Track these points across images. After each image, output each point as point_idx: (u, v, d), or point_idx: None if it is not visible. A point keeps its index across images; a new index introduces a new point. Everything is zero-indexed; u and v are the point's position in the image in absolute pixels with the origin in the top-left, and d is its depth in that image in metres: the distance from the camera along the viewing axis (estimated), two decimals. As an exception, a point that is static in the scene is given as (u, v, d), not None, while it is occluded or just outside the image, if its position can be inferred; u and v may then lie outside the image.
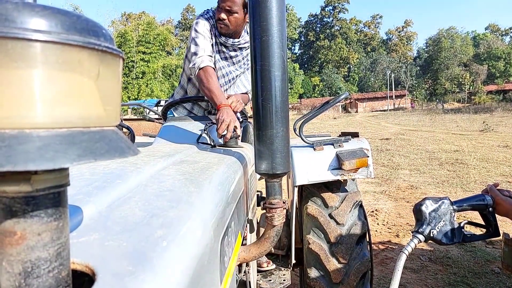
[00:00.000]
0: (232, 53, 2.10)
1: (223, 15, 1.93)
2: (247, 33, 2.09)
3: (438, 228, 1.07)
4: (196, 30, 1.97)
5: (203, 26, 1.97)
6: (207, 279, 0.51)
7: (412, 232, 1.11)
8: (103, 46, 0.28)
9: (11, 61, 0.24)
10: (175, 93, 2.28)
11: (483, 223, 1.19)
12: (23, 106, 0.24)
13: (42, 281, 0.29)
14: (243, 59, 2.15)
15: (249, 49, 2.13)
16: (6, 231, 0.28)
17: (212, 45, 2.03)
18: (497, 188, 1.13)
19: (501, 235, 1.23)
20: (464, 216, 3.11)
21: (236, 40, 2.06)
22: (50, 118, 0.25)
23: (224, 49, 2.09)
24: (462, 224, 1.14)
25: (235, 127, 1.46)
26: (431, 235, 1.07)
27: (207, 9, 2.10)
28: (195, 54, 1.88)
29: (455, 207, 1.12)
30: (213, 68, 1.87)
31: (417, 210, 1.10)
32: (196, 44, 1.92)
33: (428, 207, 1.09)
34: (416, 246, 1.08)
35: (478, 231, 1.21)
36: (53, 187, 0.29)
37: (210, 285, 0.53)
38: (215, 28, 2.03)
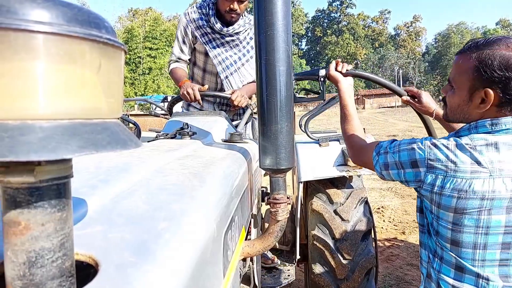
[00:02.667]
0: (228, 38, 2.13)
1: (236, 6, 1.98)
2: (241, 17, 2.10)
3: None
4: (177, 33, 2.20)
5: (181, 29, 2.16)
6: (210, 271, 0.51)
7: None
8: (105, 38, 0.28)
9: (14, 53, 0.24)
10: None
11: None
12: (25, 98, 0.25)
13: (46, 270, 0.29)
14: (241, 42, 2.17)
15: (245, 33, 2.16)
16: (11, 221, 0.28)
17: (193, 41, 2.18)
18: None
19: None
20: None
21: (231, 27, 2.08)
22: (52, 110, 0.26)
23: (219, 36, 2.12)
24: (297, 90, 1.36)
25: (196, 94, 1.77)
26: None
27: (193, 4, 2.16)
28: (171, 56, 2.23)
29: (293, 76, 1.33)
30: (179, 67, 2.18)
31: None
32: (173, 47, 2.24)
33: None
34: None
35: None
36: (56, 179, 0.29)
37: (213, 278, 0.53)
38: (204, 19, 2.08)
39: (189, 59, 2.24)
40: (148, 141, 1.18)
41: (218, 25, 2.05)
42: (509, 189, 0.88)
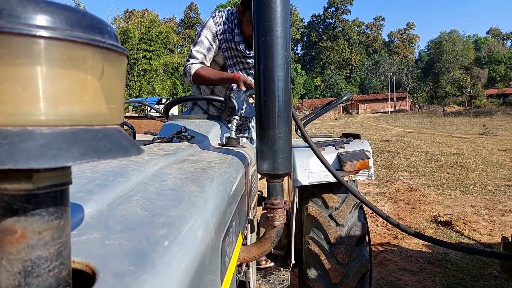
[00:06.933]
0: (250, 60, 2.09)
1: None
2: None
3: (244, 109, 1.49)
4: (200, 34, 2.04)
5: (209, 35, 2.02)
6: (208, 279, 0.50)
7: (229, 116, 1.52)
8: (108, 43, 0.28)
9: (15, 58, 0.23)
10: (191, 92, 2.32)
11: None
12: (26, 103, 0.24)
13: (42, 280, 0.28)
14: None
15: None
16: (7, 229, 0.28)
17: (219, 48, 2.06)
18: None
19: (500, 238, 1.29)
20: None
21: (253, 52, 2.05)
22: (53, 116, 0.25)
23: (240, 55, 2.07)
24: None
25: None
26: (241, 114, 1.48)
27: (222, 10, 2.08)
28: (189, 57, 2.04)
29: (247, 93, 1.60)
30: (203, 66, 2.02)
31: (230, 101, 1.49)
32: (194, 46, 2.04)
33: (235, 98, 1.49)
34: (236, 123, 1.47)
35: None
36: (55, 185, 0.28)
37: (211, 286, 0.52)
38: (230, 33, 2.01)
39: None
40: (144, 144, 1.17)
41: (242, 46, 2.01)
42: None
